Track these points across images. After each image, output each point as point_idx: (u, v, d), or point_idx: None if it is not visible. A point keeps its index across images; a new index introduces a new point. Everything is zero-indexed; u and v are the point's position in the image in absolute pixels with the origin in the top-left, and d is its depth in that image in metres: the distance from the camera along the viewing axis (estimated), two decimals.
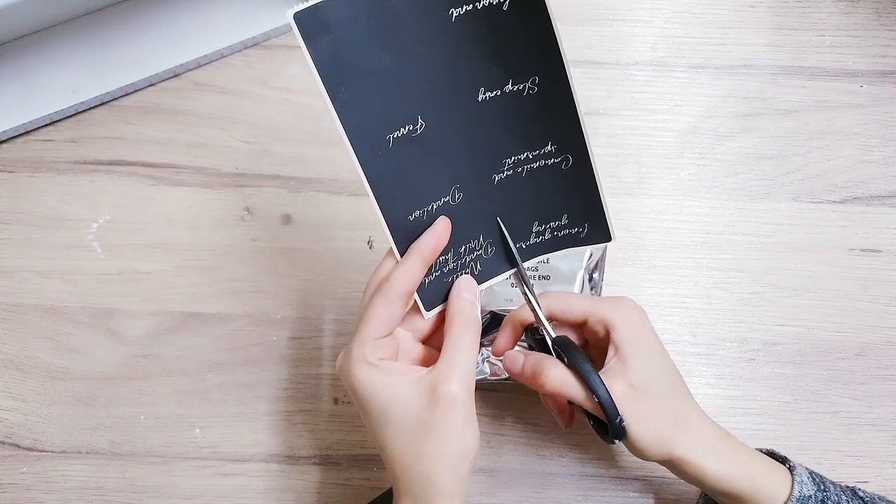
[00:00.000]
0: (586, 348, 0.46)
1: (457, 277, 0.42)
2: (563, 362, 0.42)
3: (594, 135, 0.59)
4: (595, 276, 0.54)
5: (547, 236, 0.44)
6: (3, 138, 0.58)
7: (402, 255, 0.41)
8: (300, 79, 0.60)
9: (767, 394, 0.55)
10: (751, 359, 0.55)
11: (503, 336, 0.46)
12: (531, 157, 0.41)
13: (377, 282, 0.41)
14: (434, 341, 0.43)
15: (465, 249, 0.42)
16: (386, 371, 0.39)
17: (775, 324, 0.56)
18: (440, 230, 0.41)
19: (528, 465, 0.54)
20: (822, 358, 0.55)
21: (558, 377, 0.41)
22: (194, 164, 0.58)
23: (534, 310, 0.43)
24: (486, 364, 0.53)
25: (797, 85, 0.60)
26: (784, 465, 0.43)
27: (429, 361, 0.41)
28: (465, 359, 0.39)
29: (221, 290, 0.56)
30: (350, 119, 0.37)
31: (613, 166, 0.58)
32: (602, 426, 0.42)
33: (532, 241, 0.44)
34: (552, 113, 0.40)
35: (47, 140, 0.59)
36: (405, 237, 0.40)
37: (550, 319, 0.45)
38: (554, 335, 0.43)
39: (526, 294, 0.43)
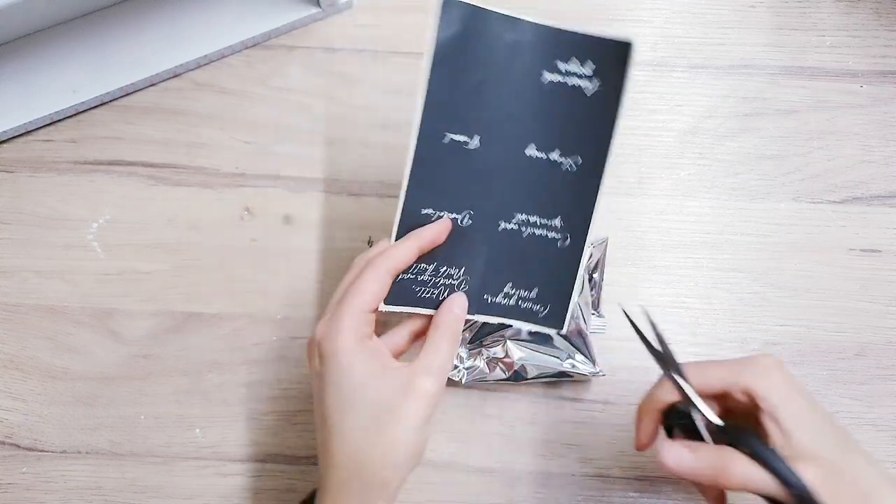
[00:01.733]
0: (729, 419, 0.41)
1: (426, 291, 0.43)
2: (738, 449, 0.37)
3: None
4: (595, 276, 0.54)
5: (512, 301, 0.45)
6: (3, 138, 0.58)
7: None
8: (300, 79, 0.60)
9: None
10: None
11: (643, 427, 0.41)
12: (538, 222, 0.43)
13: (366, 260, 0.41)
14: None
15: (443, 271, 0.43)
16: (370, 350, 0.39)
17: (775, 324, 0.56)
18: (441, 227, 0.42)
19: (528, 465, 0.54)
20: (822, 358, 0.55)
21: (746, 473, 0.36)
22: (194, 164, 0.58)
23: (684, 393, 0.39)
24: (485, 364, 0.53)
25: (797, 85, 0.60)
26: None
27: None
28: (442, 363, 0.39)
29: (221, 290, 0.56)
30: (433, 98, 0.39)
31: (613, 166, 0.58)
32: None
33: (498, 299, 0.45)
34: (575, 193, 0.42)
35: (47, 140, 0.59)
36: (408, 227, 0.42)
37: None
38: (721, 423, 0.38)
39: (671, 373, 0.39)
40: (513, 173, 0.42)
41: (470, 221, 0.43)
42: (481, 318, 0.45)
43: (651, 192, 0.58)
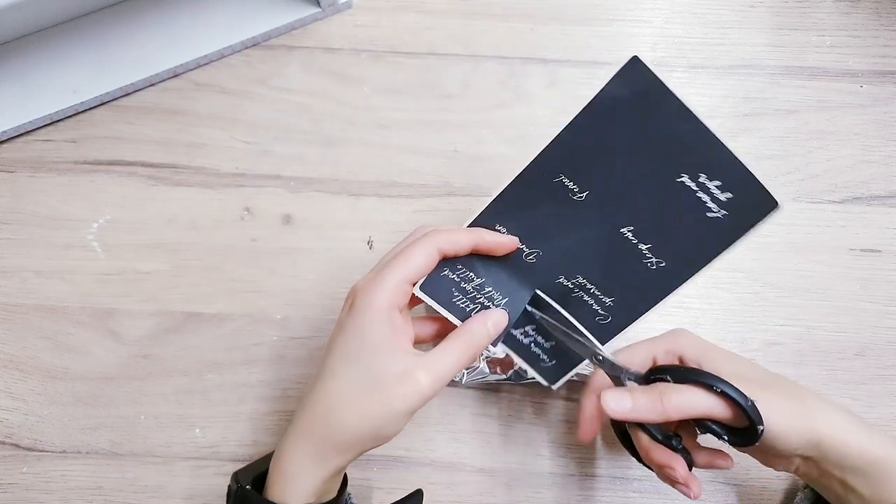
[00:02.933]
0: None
1: (463, 300, 0.43)
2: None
3: None
4: None
5: (526, 341, 0.46)
6: (3, 138, 0.58)
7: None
8: (300, 79, 0.60)
9: None
10: (751, 359, 0.55)
11: (585, 412, 0.45)
12: (593, 293, 0.43)
13: (423, 232, 0.41)
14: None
15: (487, 291, 0.43)
16: (394, 322, 0.39)
17: (775, 324, 0.56)
18: (506, 242, 0.42)
19: (528, 465, 0.54)
20: (822, 358, 0.55)
21: (685, 397, 0.39)
22: (194, 164, 0.58)
23: (608, 364, 0.43)
24: (485, 364, 0.53)
25: (797, 85, 0.60)
26: None
27: None
28: (449, 368, 0.39)
29: (221, 290, 0.56)
30: (568, 138, 0.39)
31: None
32: (735, 434, 0.40)
33: (517, 333, 0.45)
34: (642, 288, 0.41)
35: (47, 140, 0.59)
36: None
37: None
38: (642, 371, 0.42)
39: (591, 348, 0.43)
40: (598, 241, 0.41)
41: (534, 261, 0.43)
42: (498, 348, 0.45)
43: None
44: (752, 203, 0.37)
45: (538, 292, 0.43)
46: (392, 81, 0.60)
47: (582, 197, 0.40)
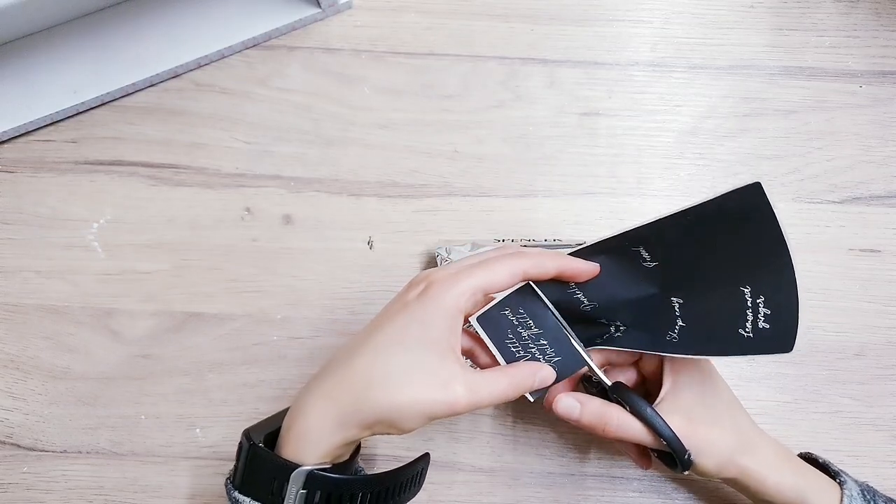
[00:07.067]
0: (645, 383, 0.47)
1: (514, 344, 0.43)
2: (624, 408, 0.42)
3: (593, 135, 0.59)
4: None
5: None
6: (4, 138, 0.58)
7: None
8: (300, 79, 0.60)
9: (767, 394, 0.55)
10: (751, 359, 0.55)
11: (558, 385, 0.45)
12: (620, 326, 0.45)
13: (515, 250, 0.41)
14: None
15: (542, 343, 0.43)
16: (456, 326, 0.39)
17: None
18: (589, 268, 0.42)
19: (528, 465, 0.54)
20: (822, 358, 0.55)
21: (622, 424, 0.42)
22: (195, 164, 0.59)
23: (587, 362, 0.43)
24: None
25: (796, 85, 0.60)
26: (836, 479, 0.45)
27: None
28: (488, 395, 0.39)
29: (221, 290, 0.56)
30: (667, 227, 0.39)
31: (613, 166, 0.58)
32: (667, 457, 0.44)
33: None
34: (652, 336, 0.43)
35: (48, 140, 0.59)
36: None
37: (608, 364, 0.47)
38: (609, 383, 0.44)
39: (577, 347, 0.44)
40: (648, 298, 0.43)
41: (589, 311, 0.44)
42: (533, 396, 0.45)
43: (651, 192, 0.58)
44: (776, 338, 0.39)
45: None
46: (392, 82, 0.60)
47: (649, 265, 0.42)
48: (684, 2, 0.61)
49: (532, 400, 0.45)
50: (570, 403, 0.43)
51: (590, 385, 0.47)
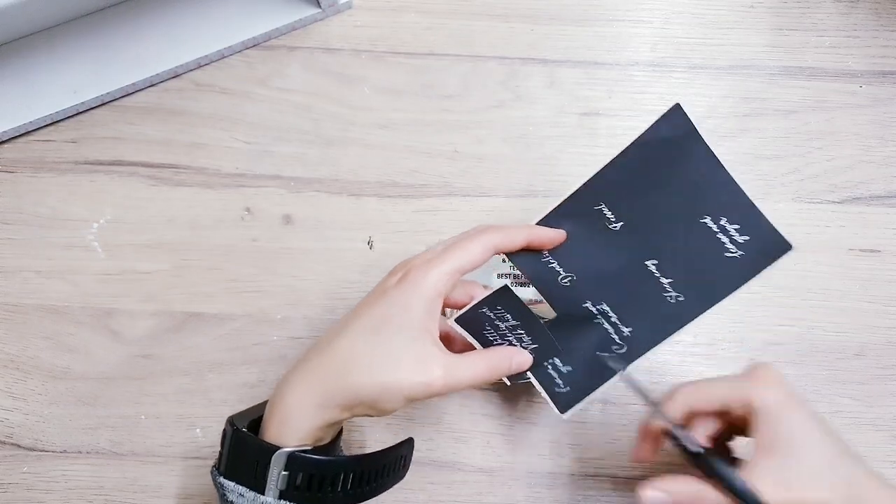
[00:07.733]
0: (730, 430, 0.43)
1: (493, 336, 0.44)
2: (707, 474, 0.40)
3: (593, 135, 0.59)
4: None
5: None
6: (4, 138, 0.58)
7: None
8: (300, 79, 0.60)
9: None
10: (751, 359, 0.55)
11: (642, 446, 0.45)
12: (613, 321, 0.45)
13: (482, 229, 0.42)
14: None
15: (518, 334, 0.44)
16: (434, 310, 0.40)
17: (775, 324, 0.56)
18: (555, 235, 0.43)
19: (528, 465, 0.54)
20: (822, 358, 0.55)
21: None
22: (195, 164, 0.59)
23: (669, 428, 0.41)
24: None
25: (796, 85, 0.60)
26: None
27: None
28: (465, 377, 0.40)
29: (221, 290, 0.57)
30: (611, 174, 0.42)
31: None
32: None
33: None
34: (658, 321, 0.44)
35: (48, 140, 0.59)
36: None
37: (691, 415, 0.42)
38: (694, 449, 0.40)
39: (654, 409, 0.42)
40: (625, 271, 0.44)
41: (569, 284, 0.45)
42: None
43: None
44: (767, 245, 0.40)
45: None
46: (392, 82, 0.60)
47: (616, 227, 0.43)
48: (684, 2, 0.61)
49: (509, 384, 0.45)
50: (657, 498, 0.40)
51: (675, 441, 0.43)
